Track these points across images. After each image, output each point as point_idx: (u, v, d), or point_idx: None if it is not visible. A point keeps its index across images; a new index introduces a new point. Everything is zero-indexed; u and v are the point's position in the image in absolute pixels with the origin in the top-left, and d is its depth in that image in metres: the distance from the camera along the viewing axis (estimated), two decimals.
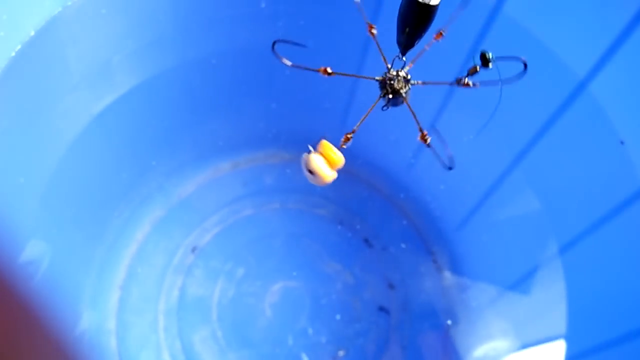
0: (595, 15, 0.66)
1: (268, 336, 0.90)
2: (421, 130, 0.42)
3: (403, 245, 0.98)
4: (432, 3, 0.36)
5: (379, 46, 0.41)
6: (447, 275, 0.95)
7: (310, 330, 0.91)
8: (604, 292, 0.72)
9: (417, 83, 0.41)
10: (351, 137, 0.40)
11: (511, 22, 0.71)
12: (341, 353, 0.90)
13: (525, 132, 0.77)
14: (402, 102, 0.42)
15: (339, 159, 0.38)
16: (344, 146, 0.40)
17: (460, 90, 0.83)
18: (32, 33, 0.63)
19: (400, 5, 0.37)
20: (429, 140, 0.42)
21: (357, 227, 1.01)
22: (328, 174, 0.38)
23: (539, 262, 0.82)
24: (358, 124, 0.41)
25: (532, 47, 0.71)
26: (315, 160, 0.38)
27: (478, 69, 0.41)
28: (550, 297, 0.80)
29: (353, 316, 0.93)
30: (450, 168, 0.42)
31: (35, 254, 0.77)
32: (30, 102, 0.68)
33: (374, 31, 0.41)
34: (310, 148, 0.39)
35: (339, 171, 1.13)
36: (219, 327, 0.91)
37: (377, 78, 0.41)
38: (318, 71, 0.43)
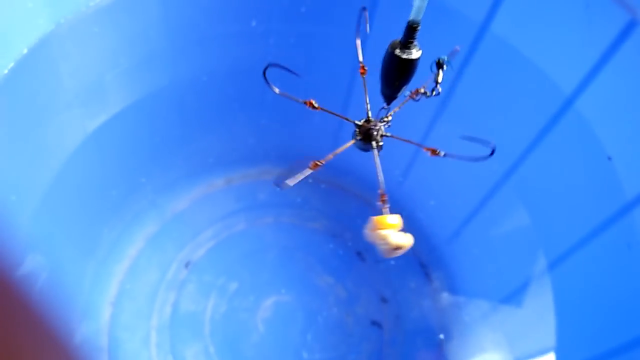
0: (581, 33, 0.67)
1: (260, 352, 0.90)
2: (428, 149, 0.42)
3: (395, 260, 0.99)
4: (412, 57, 0.37)
5: (336, 114, 0.44)
6: (439, 289, 0.95)
7: (302, 345, 0.91)
8: (592, 305, 0.73)
9: (390, 117, 0.43)
10: (386, 198, 0.40)
11: (499, 41, 0.72)
12: None
13: (515, 148, 0.78)
14: (371, 149, 0.43)
15: (399, 220, 0.39)
16: (386, 209, 0.40)
17: (452, 104, 0.84)
18: (25, 51, 0.64)
19: (383, 60, 0.38)
20: (442, 153, 0.43)
21: (350, 241, 1.01)
22: (409, 240, 0.38)
23: (530, 276, 0.83)
24: (381, 184, 0.41)
25: (520, 65, 0.72)
26: (393, 236, 0.38)
27: (441, 74, 0.42)
28: (541, 310, 0.81)
29: (346, 331, 0.93)
30: (491, 153, 0.43)
31: (29, 269, 0.77)
32: (24, 119, 0.68)
33: (315, 104, 0.43)
34: (379, 232, 0.38)
35: (332, 186, 1.13)
36: (212, 343, 0.90)
37: (358, 138, 0.42)
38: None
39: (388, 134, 0.43)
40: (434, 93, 0.44)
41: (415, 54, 0.37)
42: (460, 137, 0.44)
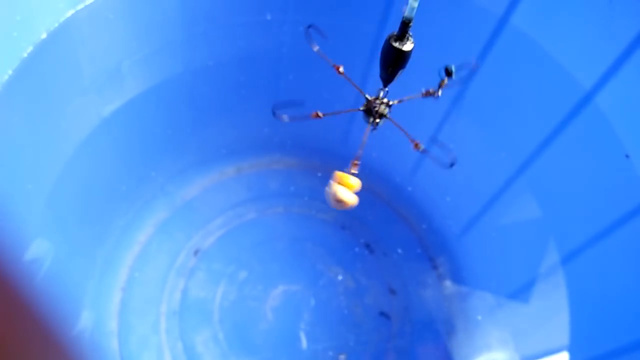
0: (602, 28, 0.67)
1: (269, 340, 0.90)
2: (412, 141, 0.48)
3: (404, 252, 0.99)
4: (405, 49, 0.42)
5: (352, 82, 0.50)
6: (448, 282, 0.95)
7: (311, 335, 0.91)
8: (606, 302, 0.73)
9: (395, 102, 0.48)
10: (359, 163, 0.47)
11: (518, 34, 0.72)
12: (342, 357, 0.90)
13: (530, 142, 0.78)
14: (369, 122, 0.49)
15: (357, 183, 0.44)
16: (355, 171, 0.46)
17: (467, 96, 0.84)
18: (44, 35, 0.64)
19: (382, 49, 0.44)
20: (421, 148, 0.48)
21: (359, 233, 1.01)
22: (353, 199, 0.44)
23: (541, 272, 0.83)
24: (360, 150, 0.47)
25: (538, 58, 0.72)
26: (341, 191, 0.44)
27: (446, 81, 0.47)
28: (552, 306, 0.81)
29: (354, 321, 0.93)
30: (451, 165, 0.48)
31: (39, 253, 0.77)
32: (41, 103, 0.68)
33: (342, 70, 0.50)
34: (331, 182, 0.45)
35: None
36: (221, 330, 0.91)
37: (361, 108, 0.48)
38: (310, 116, 0.52)
39: (387, 115, 0.48)
40: (435, 95, 0.48)
41: (407, 46, 0.42)
42: (430, 140, 0.50)
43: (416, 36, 0.78)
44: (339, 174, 0.45)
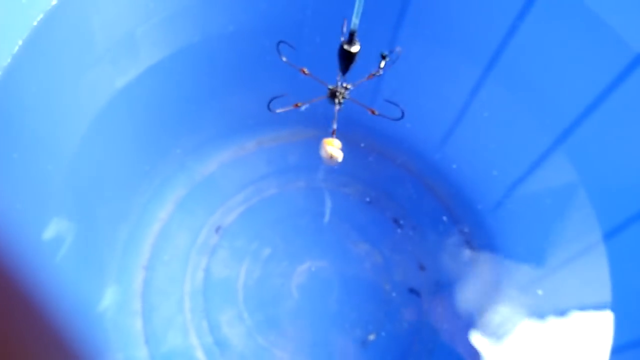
0: None
1: (295, 318, 0.88)
2: (368, 109, 0.62)
3: (434, 226, 0.95)
4: (352, 50, 0.54)
5: (316, 78, 0.62)
6: (481, 258, 0.92)
7: (338, 312, 0.89)
8: None
9: (352, 86, 0.60)
10: (334, 134, 0.60)
11: None
12: (371, 337, 0.87)
13: (573, 109, 0.73)
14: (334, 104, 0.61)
15: (339, 143, 0.59)
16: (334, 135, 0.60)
17: (500, 67, 0.79)
18: (55, 1, 0.60)
19: (338, 49, 0.55)
20: (376, 112, 0.62)
21: (386, 207, 0.98)
22: (340, 154, 0.59)
23: (580, 248, 0.79)
24: (334, 127, 0.60)
25: (582, 18, 0.67)
26: (330, 149, 0.59)
27: (382, 64, 0.59)
28: (592, 283, 0.77)
29: (383, 298, 0.90)
30: (401, 117, 0.61)
31: (59, 231, 0.75)
32: (53, 75, 0.65)
33: (306, 71, 0.63)
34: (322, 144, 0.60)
35: (367, 149, 1.09)
36: (246, 309, 0.89)
37: (327, 95, 0.61)
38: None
39: (347, 97, 0.61)
40: (377, 74, 0.61)
41: (355, 48, 0.53)
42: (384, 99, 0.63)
43: None
44: (326, 139, 0.59)
